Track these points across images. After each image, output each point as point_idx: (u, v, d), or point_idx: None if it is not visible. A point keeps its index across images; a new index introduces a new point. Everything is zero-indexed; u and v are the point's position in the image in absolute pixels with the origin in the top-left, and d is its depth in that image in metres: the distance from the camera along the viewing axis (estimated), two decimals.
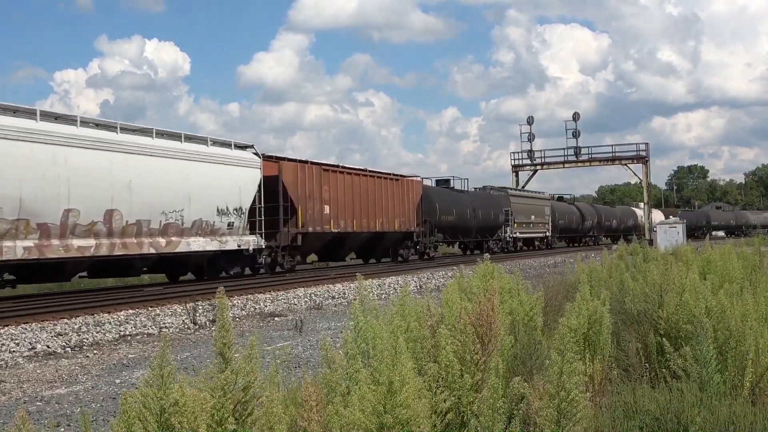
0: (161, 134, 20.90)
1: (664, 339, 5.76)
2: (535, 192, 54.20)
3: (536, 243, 52.24)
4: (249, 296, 17.70)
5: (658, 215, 72.57)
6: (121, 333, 12.65)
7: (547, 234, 53.14)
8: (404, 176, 35.39)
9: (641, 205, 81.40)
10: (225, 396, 2.87)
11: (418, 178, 36.74)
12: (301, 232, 26.14)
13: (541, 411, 3.54)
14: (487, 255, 6.87)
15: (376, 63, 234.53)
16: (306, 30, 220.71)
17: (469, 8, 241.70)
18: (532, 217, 50.22)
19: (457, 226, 40.11)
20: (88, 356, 10.59)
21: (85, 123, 18.44)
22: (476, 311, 3.80)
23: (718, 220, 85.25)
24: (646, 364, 6.02)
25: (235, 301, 16.49)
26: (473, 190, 47.24)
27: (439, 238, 38.07)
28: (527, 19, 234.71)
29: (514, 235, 46.64)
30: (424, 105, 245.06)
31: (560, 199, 62.02)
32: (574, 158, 57.46)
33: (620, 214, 70.89)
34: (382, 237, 32.75)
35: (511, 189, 49.95)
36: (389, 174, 33.76)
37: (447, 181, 43.42)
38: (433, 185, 41.83)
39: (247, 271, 25.13)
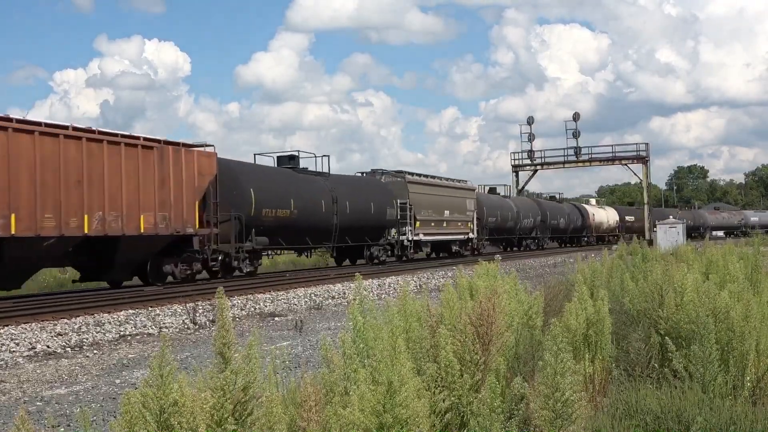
0: None
1: (667, 338, 5.76)
2: (451, 180, 40.77)
3: (454, 248, 39.55)
4: (249, 296, 17.70)
5: (612, 213, 67.16)
6: (121, 333, 12.64)
7: (471, 236, 40.46)
8: (171, 143, 20.87)
9: (592, 201, 72.69)
10: (225, 396, 2.87)
11: (209, 149, 22.43)
12: None
13: (537, 411, 3.54)
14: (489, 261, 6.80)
15: (376, 63, 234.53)
16: (305, 30, 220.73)
17: (467, 8, 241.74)
18: (446, 213, 37.67)
19: (302, 225, 26.13)
20: (88, 356, 10.58)
21: None
22: (477, 311, 3.80)
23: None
24: (654, 365, 6.02)
25: (235, 301, 16.48)
26: (359, 174, 35.25)
27: (262, 243, 24.41)
28: (526, 20, 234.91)
29: (417, 238, 34.27)
30: (424, 105, 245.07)
31: (492, 191, 50.20)
32: (574, 158, 57.50)
33: (569, 212, 58.24)
34: (115, 245, 18.98)
35: (411, 174, 35.92)
36: (126, 136, 19.67)
37: (292, 158, 28.86)
38: (273, 164, 28.53)
39: None
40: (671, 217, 51.42)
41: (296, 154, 29.33)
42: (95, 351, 11.05)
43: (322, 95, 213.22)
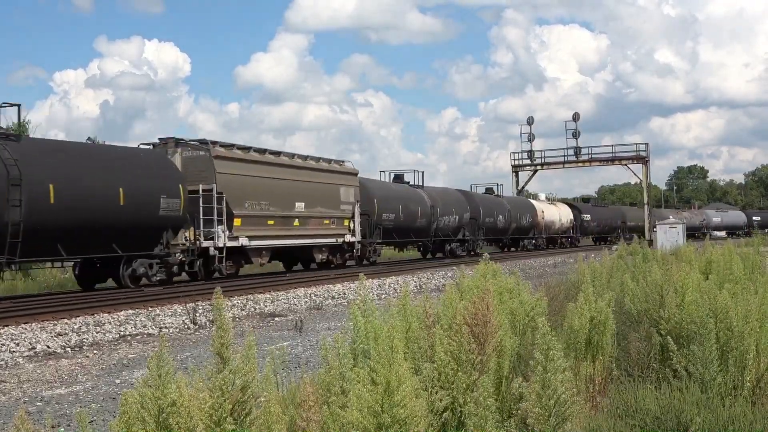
0: None
1: (668, 338, 5.76)
2: (312, 158, 28.28)
3: (320, 256, 27.51)
4: (249, 296, 17.70)
5: (565, 211, 57.09)
6: (121, 333, 12.64)
7: (351, 238, 28.84)
8: None
9: (542, 196, 61.88)
10: (223, 396, 2.86)
11: None
12: None
13: (531, 410, 3.54)
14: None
15: (375, 63, 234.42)
16: (304, 31, 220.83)
17: (466, 9, 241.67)
18: (300, 206, 25.88)
19: None
20: (88, 356, 10.58)
21: None
22: (471, 311, 3.80)
23: (635, 220, 68.46)
24: (654, 365, 6.02)
25: (234, 301, 16.48)
26: (110, 143, 23.27)
27: None
28: (525, 20, 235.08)
29: (236, 243, 22.77)
30: (424, 105, 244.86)
31: (398, 179, 37.11)
32: (574, 158, 57.46)
33: (511, 209, 46.18)
34: None
35: (224, 146, 23.79)
36: None
37: None
38: None
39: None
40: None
41: None
42: (95, 351, 11.05)
43: (321, 95, 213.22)
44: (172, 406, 2.75)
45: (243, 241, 23.15)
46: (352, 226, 28.95)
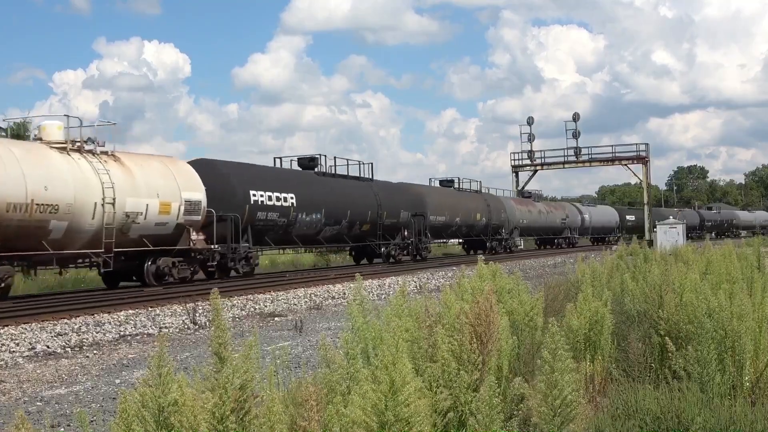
0: None
1: (667, 339, 5.76)
2: None
3: None
4: (249, 296, 17.70)
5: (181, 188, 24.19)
6: (121, 333, 12.64)
7: None
8: None
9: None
10: (226, 394, 2.87)
11: None
12: None
13: (537, 410, 3.54)
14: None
15: (373, 64, 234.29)
16: (301, 32, 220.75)
17: (463, 10, 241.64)
18: None
19: None
20: (88, 356, 10.58)
21: None
22: (474, 311, 3.80)
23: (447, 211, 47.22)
24: (652, 365, 6.03)
25: (235, 301, 16.48)
26: None
27: None
28: (522, 21, 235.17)
29: None
30: (422, 106, 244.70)
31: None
32: (574, 159, 57.39)
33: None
34: None
35: None
36: None
37: None
38: None
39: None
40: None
41: None
42: (95, 351, 11.05)
43: (319, 96, 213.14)
44: (174, 405, 2.76)
45: None
46: None
